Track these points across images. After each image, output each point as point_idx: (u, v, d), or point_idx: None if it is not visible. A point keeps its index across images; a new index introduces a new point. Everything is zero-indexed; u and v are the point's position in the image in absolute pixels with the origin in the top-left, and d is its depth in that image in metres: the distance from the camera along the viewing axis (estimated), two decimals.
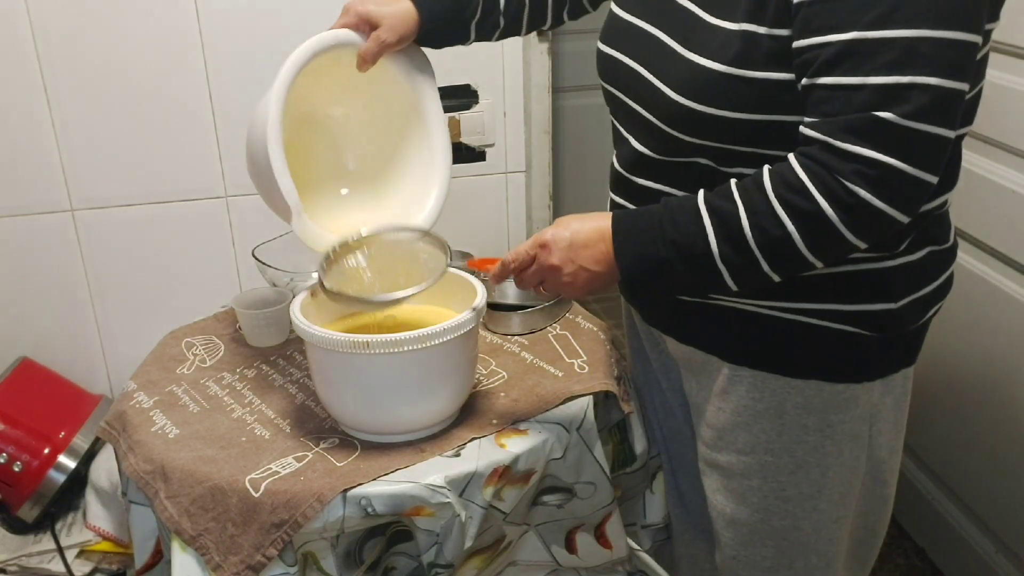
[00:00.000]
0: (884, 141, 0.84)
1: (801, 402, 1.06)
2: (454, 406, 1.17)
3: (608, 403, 1.31)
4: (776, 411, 1.08)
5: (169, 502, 1.10)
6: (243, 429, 1.19)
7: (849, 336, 1.03)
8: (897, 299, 1.02)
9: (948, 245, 1.07)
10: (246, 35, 1.86)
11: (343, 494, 1.05)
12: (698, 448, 1.20)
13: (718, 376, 1.12)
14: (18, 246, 1.91)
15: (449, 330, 1.08)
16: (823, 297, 1.02)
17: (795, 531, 1.13)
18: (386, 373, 1.10)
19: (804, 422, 1.07)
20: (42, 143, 1.85)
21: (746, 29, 0.92)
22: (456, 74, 1.97)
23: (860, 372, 1.06)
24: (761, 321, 1.06)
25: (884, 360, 1.07)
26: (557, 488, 1.20)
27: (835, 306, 1.02)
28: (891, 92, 0.83)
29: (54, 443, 1.81)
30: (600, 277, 1.01)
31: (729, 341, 1.09)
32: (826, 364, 1.05)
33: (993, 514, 1.72)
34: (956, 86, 0.84)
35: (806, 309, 1.03)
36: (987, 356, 1.67)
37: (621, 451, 1.33)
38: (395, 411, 1.12)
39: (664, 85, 0.99)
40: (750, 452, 1.11)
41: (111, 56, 1.82)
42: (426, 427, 1.15)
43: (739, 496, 1.14)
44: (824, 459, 1.09)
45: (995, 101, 1.59)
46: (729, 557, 1.19)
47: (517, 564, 1.25)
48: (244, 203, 1.98)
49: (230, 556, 1.05)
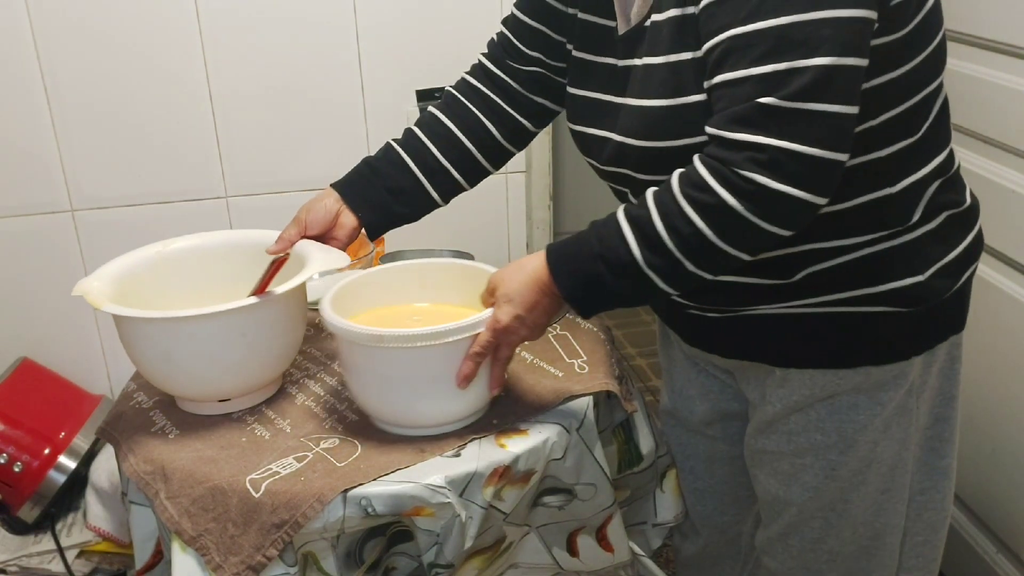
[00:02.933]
0: (769, 125, 0.86)
1: (852, 387, 1.08)
2: (469, 405, 1.16)
3: (610, 403, 1.30)
4: (828, 397, 1.10)
5: (169, 502, 1.10)
6: (243, 429, 1.19)
7: (887, 317, 1.04)
8: (923, 271, 1.03)
9: (966, 206, 1.08)
10: (246, 35, 1.86)
11: (343, 494, 1.05)
12: (745, 439, 1.22)
13: (769, 376, 1.14)
14: (18, 246, 1.91)
15: (462, 328, 1.08)
16: (850, 285, 1.03)
17: (843, 503, 1.14)
18: (399, 366, 1.11)
19: (855, 402, 1.09)
20: (42, 143, 1.85)
21: (672, 60, 0.97)
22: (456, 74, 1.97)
23: (906, 349, 1.07)
24: (799, 322, 1.07)
25: (928, 333, 1.08)
26: (558, 489, 1.20)
27: (865, 290, 1.03)
28: (770, 79, 0.86)
29: (54, 443, 1.81)
30: (550, 310, 1.07)
31: (772, 348, 1.11)
32: (871, 349, 1.07)
33: (994, 514, 1.72)
34: (839, 62, 0.85)
35: (838, 299, 1.04)
36: (987, 356, 1.67)
37: (627, 451, 1.33)
38: (412, 404, 1.13)
39: (625, 137, 1.03)
40: (801, 432, 1.13)
41: (111, 56, 1.82)
42: (448, 423, 1.15)
43: (789, 476, 1.16)
44: (873, 434, 1.10)
45: (995, 101, 1.60)
46: (777, 534, 1.20)
47: (518, 566, 1.25)
48: (244, 203, 1.98)
49: (230, 556, 1.05)
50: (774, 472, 1.18)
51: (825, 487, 1.13)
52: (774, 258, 1.03)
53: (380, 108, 1.98)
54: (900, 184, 1.01)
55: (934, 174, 1.03)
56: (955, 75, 1.69)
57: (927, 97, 1.01)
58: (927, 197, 1.03)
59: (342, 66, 1.93)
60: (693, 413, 1.33)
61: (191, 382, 1.19)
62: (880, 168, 1.00)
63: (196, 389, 1.20)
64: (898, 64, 0.96)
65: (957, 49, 1.68)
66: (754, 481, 1.24)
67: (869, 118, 0.96)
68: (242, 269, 1.27)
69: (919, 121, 1.01)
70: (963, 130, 1.67)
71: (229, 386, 1.20)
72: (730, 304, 1.10)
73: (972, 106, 1.64)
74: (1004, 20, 1.55)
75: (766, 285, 1.06)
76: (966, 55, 1.65)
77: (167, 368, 1.17)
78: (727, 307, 1.11)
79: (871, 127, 0.97)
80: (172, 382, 1.20)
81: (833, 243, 1.02)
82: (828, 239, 1.02)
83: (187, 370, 1.17)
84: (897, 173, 1.01)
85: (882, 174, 1.00)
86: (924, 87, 1.00)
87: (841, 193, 0.98)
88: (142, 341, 1.17)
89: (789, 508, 1.17)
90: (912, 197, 0.99)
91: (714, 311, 1.13)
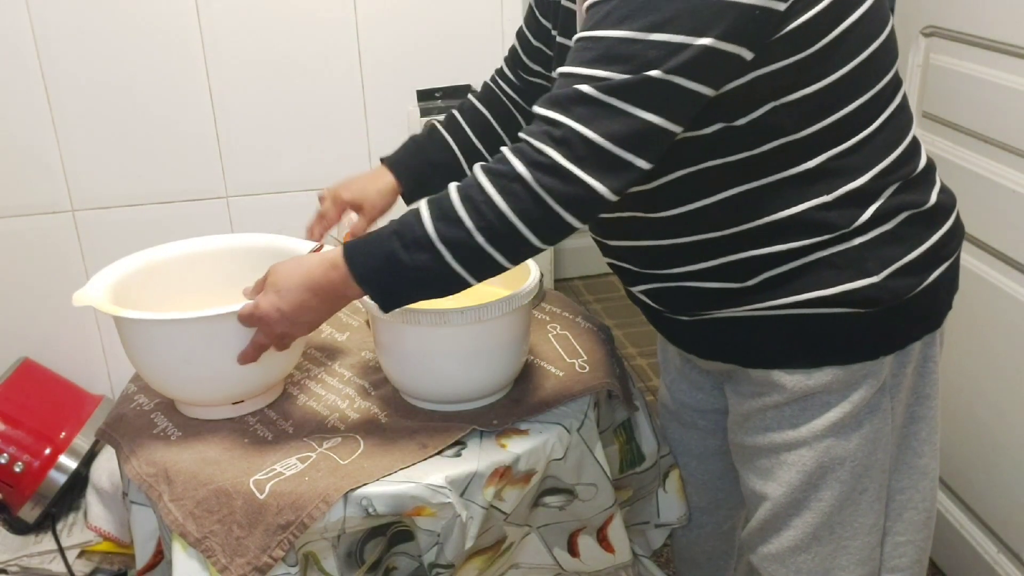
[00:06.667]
0: (575, 109, 0.91)
1: (822, 387, 1.09)
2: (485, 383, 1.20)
3: (611, 403, 1.31)
4: (799, 396, 1.11)
5: (173, 505, 1.10)
6: (245, 430, 1.19)
7: (847, 317, 1.05)
8: (877, 272, 1.04)
9: (928, 206, 1.07)
10: (246, 35, 1.87)
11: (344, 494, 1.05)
12: (728, 435, 1.24)
13: (743, 376, 1.16)
14: (19, 246, 1.91)
15: (468, 311, 1.11)
16: (804, 288, 1.04)
17: (817, 501, 1.15)
18: (416, 343, 1.16)
19: (826, 400, 1.10)
20: (42, 143, 1.85)
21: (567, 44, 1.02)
22: (456, 74, 1.98)
23: (874, 349, 1.08)
24: (763, 324, 1.08)
25: (897, 332, 1.09)
26: (558, 489, 1.20)
27: (818, 293, 1.04)
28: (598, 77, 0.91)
29: (55, 444, 1.81)
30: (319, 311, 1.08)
31: (740, 349, 1.13)
32: (836, 350, 1.08)
33: (994, 514, 1.72)
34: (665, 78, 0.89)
35: (795, 302, 1.05)
36: (987, 356, 1.67)
37: (628, 451, 1.33)
38: (436, 379, 1.18)
39: None
40: (775, 429, 1.14)
41: (111, 56, 1.82)
42: (466, 400, 1.20)
43: (765, 472, 1.17)
44: (844, 432, 1.11)
45: (995, 101, 1.60)
46: (756, 529, 1.21)
47: (519, 567, 1.25)
48: (244, 203, 1.98)
49: (236, 558, 1.05)
50: (753, 468, 1.19)
51: (799, 484, 1.14)
52: (729, 263, 1.06)
53: (380, 108, 1.98)
54: (836, 192, 1.01)
55: (883, 177, 1.03)
56: (955, 75, 1.69)
57: (861, 108, 1.00)
58: (881, 200, 1.03)
59: (342, 66, 1.93)
60: (685, 406, 1.35)
61: (207, 383, 1.18)
62: (809, 178, 1.01)
63: (210, 391, 1.20)
64: (813, 81, 0.97)
65: (957, 49, 1.68)
66: (739, 474, 1.25)
67: (787, 133, 0.98)
68: (234, 273, 1.27)
69: (851, 131, 1.01)
70: (963, 130, 1.67)
71: (243, 388, 1.20)
72: (695, 308, 1.12)
73: (972, 106, 1.64)
74: (1004, 20, 1.55)
75: (726, 289, 1.08)
76: (966, 55, 1.65)
77: (185, 370, 1.16)
78: (694, 311, 1.13)
79: (792, 140, 0.99)
80: (188, 385, 1.19)
81: (779, 247, 1.03)
82: (772, 244, 1.03)
83: (205, 370, 1.16)
84: (831, 182, 1.01)
85: (813, 183, 1.01)
86: (852, 100, 1.00)
87: (772, 203, 1.01)
88: (158, 343, 1.16)
89: (765, 503, 1.19)
90: (855, 202, 1.00)
91: (684, 315, 1.15)
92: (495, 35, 1.97)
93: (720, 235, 1.05)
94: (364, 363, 1.35)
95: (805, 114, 0.98)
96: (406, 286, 1.01)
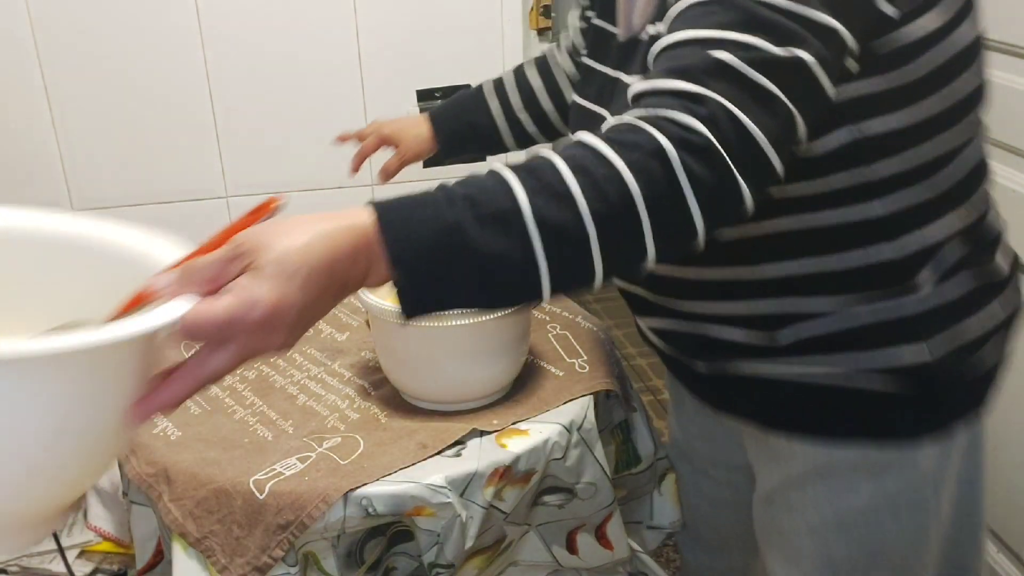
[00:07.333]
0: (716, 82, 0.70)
1: (848, 466, 0.96)
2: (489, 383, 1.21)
3: (609, 403, 1.31)
4: (823, 475, 0.98)
5: (173, 505, 1.10)
6: (245, 431, 1.19)
7: (882, 395, 0.92)
8: (933, 347, 0.91)
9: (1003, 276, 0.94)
10: (246, 35, 1.87)
11: (344, 494, 1.05)
12: (753, 507, 1.12)
13: (763, 441, 1.05)
14: None
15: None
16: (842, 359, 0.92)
17: None
18: (416, 343, 1.17)
19: (853, 484, 0.96)
20: (42, 143, 1.85)
21: None
22: (456, 74, 1.98)
23: (909, 428, 0.94)
24: (784, 387, 0.97)
25: (937, 410, 0.95)
26: (558, 488, 1.20)
27: (858, 367, 0.92)
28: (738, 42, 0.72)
29: None
30: (326, 306, 0.64)
31: (757, 408, 1.02)
32: (864, 422, 0.94)
33: (994, 514, 1.72)
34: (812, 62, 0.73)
35: (826, 374, 0.93)
36: None
37: (624, 452, 1.33)
38: (436, 379, 1.19)
39: None
40: (798, 510, 1.01)
41: (111, 56, 1.82)
42: (466, 400, 1.21)
43: (788, 559, 1.05)
44: (878, 527, 0.96)
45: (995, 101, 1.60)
46: None
47: (518, 564, 1.25)
48: (244, 203, 1.98)
49: (236, 558, 1.05)
50: (777, 550, 1.07)
51: (824, 572, 1.01)
52: (759, 311, 0.93)
53: (380, 108, 1.98)
54: (900, 242, 0.88)
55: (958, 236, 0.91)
56: None
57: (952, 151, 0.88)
58: (952, 261, 0.90)
59: (342, 66, 1.93)
60: (696, 452, 1.27)
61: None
62: (873, 224, 0.88)
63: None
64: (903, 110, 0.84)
65: None
66: (762, 554, 1.13)
67: (862, 164, 0.85)
68: None
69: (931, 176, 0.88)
70: None
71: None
72: (712, 357, 1.01)
73: None
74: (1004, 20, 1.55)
75: (748, 345, 0.96)
76: None
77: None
78: (710, 359, 1.01)
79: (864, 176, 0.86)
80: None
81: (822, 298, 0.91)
82: (815, 294, 0.91)
83: None
84: (897, 231, 0.89)
85: (876, 230, 0.88)
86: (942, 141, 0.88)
87: (822, 244, 0.88)
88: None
89: None
90: (919, 259, 0.88)
91: (701, 363, 1.03)
92: (495, 35, 1.97)
93: (754, 275, 0.91)
94: (364, 363, 1.35)
95: (886, 148, 0.85)
96: (459, 281, 0.65)
